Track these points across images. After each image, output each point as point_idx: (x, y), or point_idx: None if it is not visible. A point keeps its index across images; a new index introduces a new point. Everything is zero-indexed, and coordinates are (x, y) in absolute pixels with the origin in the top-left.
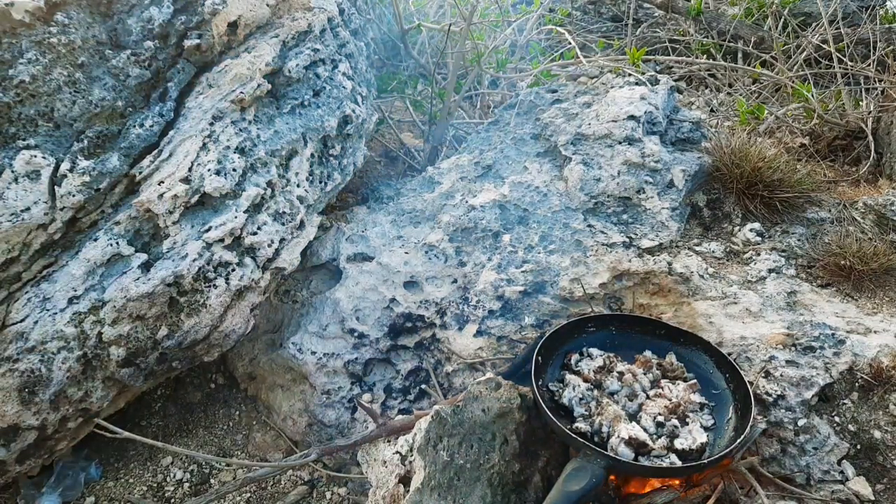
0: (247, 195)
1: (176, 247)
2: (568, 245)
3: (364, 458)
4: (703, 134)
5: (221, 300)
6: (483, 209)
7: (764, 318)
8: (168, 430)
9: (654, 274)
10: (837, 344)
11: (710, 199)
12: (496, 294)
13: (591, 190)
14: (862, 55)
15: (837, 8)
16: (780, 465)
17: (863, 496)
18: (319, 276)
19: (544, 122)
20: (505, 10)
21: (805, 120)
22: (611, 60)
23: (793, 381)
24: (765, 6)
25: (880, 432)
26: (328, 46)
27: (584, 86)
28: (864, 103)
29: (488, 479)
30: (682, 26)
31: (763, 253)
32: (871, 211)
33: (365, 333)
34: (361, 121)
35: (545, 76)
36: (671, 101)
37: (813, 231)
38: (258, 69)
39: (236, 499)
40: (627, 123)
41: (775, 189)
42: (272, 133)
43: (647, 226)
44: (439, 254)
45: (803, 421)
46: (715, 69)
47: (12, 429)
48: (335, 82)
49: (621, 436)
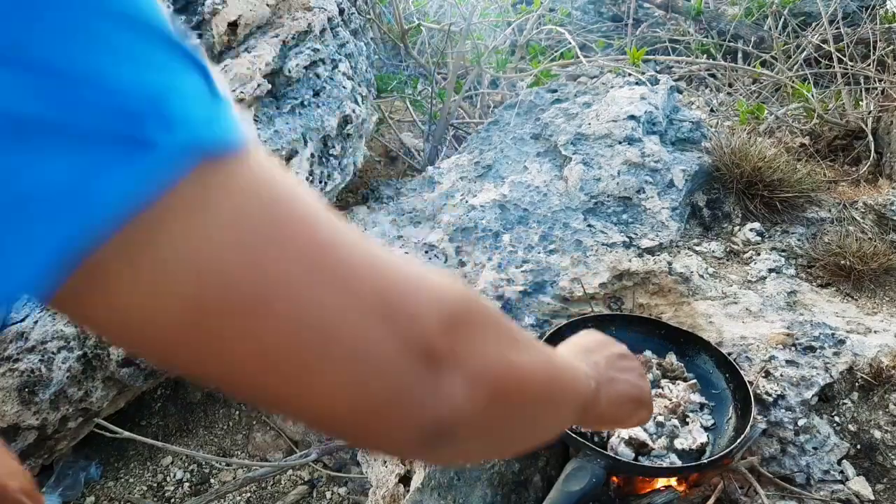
0: None
1: None
2: (568, 245)
3: (364, 457)
4: (703, 134)
5: None
6: (483, 209)
7: (764, 317)
8: (168, 430)
9: (655, 274)
10: (837, 344)
11: (710, 199)
12: (496, 294)
13: (591, 190)
14: (862, 55)
15: (837, 8)
16: (780, 465)
17: (863, 496)
18: None
19: (544, 121)
20: (505, 9)
21: (805, 120)
22: (611, 60)
23: (793, 381)
24: (765, 6)
25: (880, 432)
26: (328, 46)
27: (584, 86)
28: (864, 103)
29: (488, 478)
30: (682, 26)
31: (763, 253)
32: (871, 211)
33: None
34: (361, 121)
35: (545, 76)
36: (671, 100)
37: (813, 231)
38: (258, 69)
39: (236, 499)
40: (627, 123)
41: (775, 189)
42: (272, 133)
43: (647, 226)
44: (439, 253)
45: (803, 421)
46: (715, 69)
47: (12, 428)
48: (335, 82)
49: (621, 436)
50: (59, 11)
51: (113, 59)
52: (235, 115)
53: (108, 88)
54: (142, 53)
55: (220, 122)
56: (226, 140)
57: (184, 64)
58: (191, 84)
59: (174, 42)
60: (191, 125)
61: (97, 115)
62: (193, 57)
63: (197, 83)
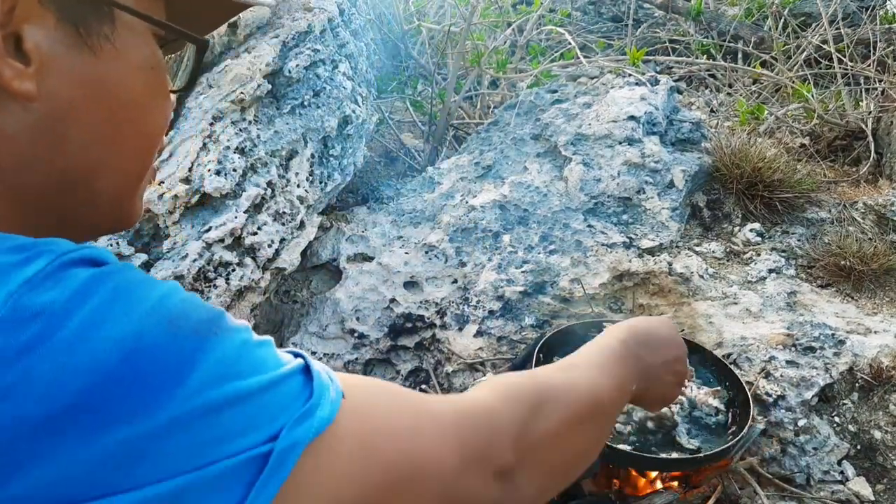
0: (247, 195)
1: (176, 247)
2: (568, 245)
3: None
4: (703, 134)
5: (222, 300)
6: (483, 209)
7: (764, 318)
8: None
9: (655, 274)
10: (837, 344)
11: (711, 200)
12: (496, 294)
13: (591, 190)
14: (862, 55)
15: (837, 8)
16: (780, 466)
17: (863, 496)
18: (319, 277)
19: (544, 122)
20: (505, 10)
21: (805, 120)
22: (611, 61)
23: (793, 382)
24: (765, 6)
25: (880, 432)
26: (328, 47)
27: (585, 86)
28: (864, 103)
29: None
30: (682, 27)
31: (763, 253)
32: (871, 211)
33: (365, 334)
34: (361, 121)
35: (545, 77)
36: (671, 101)
37: (813, 231)
38: (258, 69)
39: None
40: (627, 124)
41: (775, 189)
42: (272, 133)
43: (648, 226)
44: (439, 254)
45: (803, 421)
46: (715, 69)
47: None
48: (335, 83)
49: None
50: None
51: (229, 434)
52: (325, 385)
53: (235, 450)
54: (245, 414)
55: (312, 412)
56: (320, 422)
57: (279, 376)
58: (285, 392)
59: (266, 369)
60: (288, 430)
61: (229, 467)
62: (285, 363)
63: (291, 385)
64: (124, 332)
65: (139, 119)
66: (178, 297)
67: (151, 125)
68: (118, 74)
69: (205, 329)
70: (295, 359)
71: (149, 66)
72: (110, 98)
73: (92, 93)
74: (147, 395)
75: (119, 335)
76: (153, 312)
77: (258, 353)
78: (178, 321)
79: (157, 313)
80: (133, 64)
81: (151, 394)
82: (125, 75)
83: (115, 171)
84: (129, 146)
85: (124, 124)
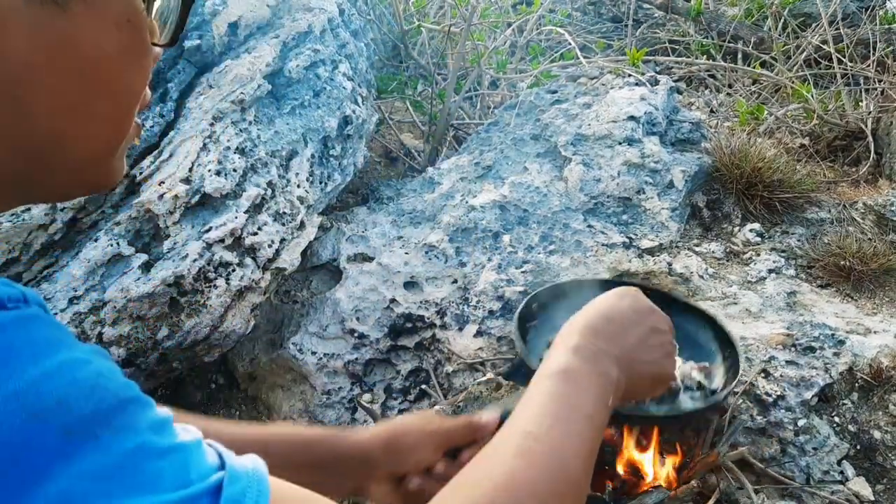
0: (247, 195)
1: (176, 247)
2: (568, 245)
3: None
4: (702, 134)
5: (222, 300)
6: (483, 209)
7: (764, 318)
8: None
9: (654, 274)
10: (837, 344)
11: (710, 200)
12: (496, 294)
13: (591, 190)
14: (862, 56)
15: (837, 8)
16: (780, 466)
17: (863, 496)
18: (319, 277)
19: (544, 122)
20: (505, 10)
21: (805, 120)
22: (611, 61)
23: (793, 382)
24: (764, 6)
25: (880, 432)
26: (328, 47)
27: (584, 86)
28: (864, 104)
29: None
30: (681, 27)
31: (763, 253)
32: (870, 211)
33: (365, 334)
34: (362, 121)
35: (545, 77)
36: (671, 101)
37: (813, 231)
38: (258, 70)
39: None
40: (627, 124)
41: (775, 189)
42: (272, 133)
43: (647, 226)
44: (439, 254)
45: (803, 421)
46: (715, 70)
47: None
48: (335, 83)
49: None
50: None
51: None
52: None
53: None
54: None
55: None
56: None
57: (170, 500)
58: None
59: (157, 489)
60: None
61: None
62: (191, 481)
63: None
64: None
65: (114, 80)
66: (71, 375)
67: (128, 86)
68: (89, 32)
69: (83, 428)
70: (212, 474)
71: (125, 20)
72: (80, 59)
73: (58, 53)
74: None
75: None
76: (19, 396)
77: (155, 465)
78: (46, 414)
79: (23, 398)
80: (107, 18)
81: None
82: (97, 33)
83: (88, 138)
84: (103, 110)
85: (96, 87)
